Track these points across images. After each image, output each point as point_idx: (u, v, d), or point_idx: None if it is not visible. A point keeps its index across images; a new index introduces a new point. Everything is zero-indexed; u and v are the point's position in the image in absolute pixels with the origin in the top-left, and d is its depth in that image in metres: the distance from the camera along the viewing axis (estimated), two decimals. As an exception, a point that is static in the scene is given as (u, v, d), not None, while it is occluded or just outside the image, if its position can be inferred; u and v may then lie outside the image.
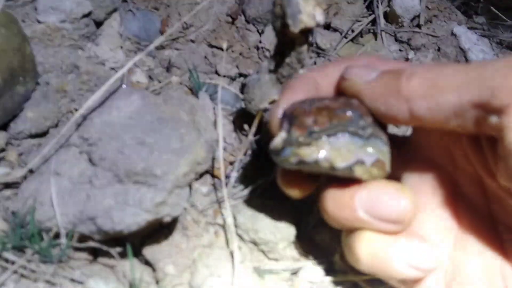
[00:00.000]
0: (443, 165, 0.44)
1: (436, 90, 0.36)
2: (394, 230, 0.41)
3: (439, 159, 0.45)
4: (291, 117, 0.43)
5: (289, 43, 0.54)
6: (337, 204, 0.42)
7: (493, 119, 0.33)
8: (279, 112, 0.45)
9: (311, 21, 0.50)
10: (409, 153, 0.47)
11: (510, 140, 0.32)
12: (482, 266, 0.41)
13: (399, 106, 0.38)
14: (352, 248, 0.43)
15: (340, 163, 0.39)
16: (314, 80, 0.47)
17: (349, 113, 0.41)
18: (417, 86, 0.37)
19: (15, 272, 0.46)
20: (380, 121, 0.43)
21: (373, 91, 0.41)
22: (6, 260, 0.46)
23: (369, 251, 0.41)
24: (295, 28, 0.50)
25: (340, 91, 0.45)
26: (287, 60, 0.56)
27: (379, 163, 0.40)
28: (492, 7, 0.93)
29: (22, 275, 0.46)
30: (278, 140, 0.42)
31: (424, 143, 0.46)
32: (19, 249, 0.47)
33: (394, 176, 0.45)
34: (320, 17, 0.50)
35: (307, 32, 0.52)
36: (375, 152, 0.40)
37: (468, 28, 0.89)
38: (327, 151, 0.39)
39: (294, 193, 0.46)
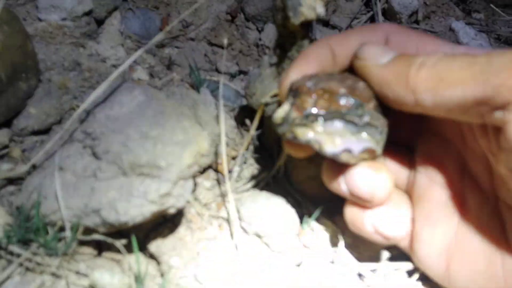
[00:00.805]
0: (453, 141, 0.46)
1: (442, 84, 0.37)
2: (368, 205, 0.46)
3: (450, 134, 0.46)
4: (295, 92, 0.44)
5: (290, 36, 0.55)
6: (329, 177, 0.47)
7: (498, 114, 0.35)
8: (287, 84, 0.46)
9: (311, 13, 0.51)
10: (423, 123, 0.48)
11: (509, 136, 0.34)
12: (482, 246, 0.42)
13: (406, 95, 0.40)
14: (343, 213, 0.48)
15: (328, 149, 0.42)
16: (331, 49, 0.47)
17: (349, 102, 0.42)
18: (424, 79, 0.38)
19: (20, 265, 0.46)
20: (385, 105, 0.44)
21: (382, 78, 0.42)
22: (12, 253, 0.46)
23: (350, 216, 0.48)
24: (296, 20, 0.50)
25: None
26: (288, 53, 0.56)
27: (369, 150, 0.43)
28: (490, 4, 0.94)
29: (28, 268, 0.46)
30: (280, 113, 0.44)
31: (438, 118, 0.47)
32: (25, 243, 0.47)
33: (406, 141, 0.50)
34: (320, 9, 0.51)
35: (307, 25, 0.53)
36: (367, 140, 0.43)
37: (466, 23, 0.90)
38: (319, 135, 0.42)
39: (298, 154, 0.48)
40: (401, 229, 0.46)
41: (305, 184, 0.60)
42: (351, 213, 0.47)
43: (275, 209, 0.56)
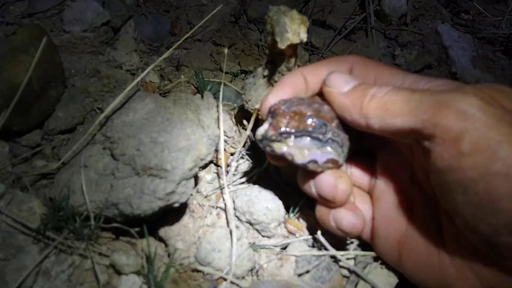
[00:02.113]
0: (405, 154, 0.55)
1: (387, 114, 0.46)
2: (332, 205, 0.55)
3: (403, 149, 0.56)
4: (273, 114, 0.55)
5: (280, 54, 0.63)
6: (302, 182, 0.57)
7: (426, 142, 0.44)
8: (267, 106, 0.56)
9: (296, 39, 0.59)
10: (383, 138, 0.55)
11: (434, 160, 0.43)
12: (424, 242, 0.52)
13: (360, 119, 0.49)
14: (315, 209, 0.58)
15: (298, 160, 0.53)
16: (304, 77, 0.57)
17: (315, 122, 0.53)
18: (374, 108, 0.48)
19: (55, 247, 0.57)
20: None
21: (343, 104, 0.52)
22: (48, 238, 0.57)
23: (319, 214, 0.58)
24: (282, 45, 0.59)
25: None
26: (278, 68, 0.65)
27: (332, 161, 0.53)
28: (476, 4, 1.00)
29: (61, 250, 0.57)
30: (261, 131, 0.55)
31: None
32: (57, 229, 0.58)
33: (371, 152, 0.60)
34: (303, 35, 0.59)
35: (294, 46, 0.61)
36: (330, 152, 0.53)
37: (452, 25, 0.96)
38: (291, 149, 0.53)
39: (278, 163, 0.59)
40: (357, 226, 0.55)
41: (292, 178, 0.69)
42: (319, 212, 0.57)
43: (266, 200, 0.66)
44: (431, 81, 0.50)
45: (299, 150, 0.53)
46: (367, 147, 0.60)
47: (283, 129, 0.53)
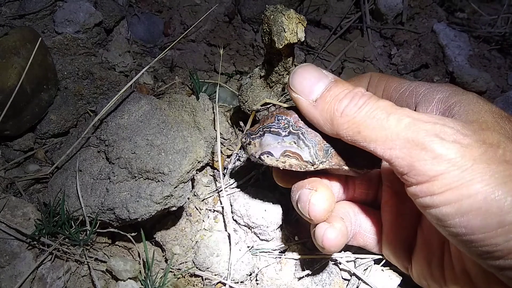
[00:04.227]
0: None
1: (359, 137, 0.44)
2: (313, 223, 0.53)
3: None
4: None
5: (277, 54, 0.63)
6: (293, 199, 0.55)
7: (399, 174, 0.43)
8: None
9: (293, 38, 0.58)
10: None
11: (409, 193, 0.43)
12: (432, 252, 0.51)
13: (332, 132, 0.47)
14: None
15: (255, 154, 0.52)
16: None
17: (275, 118, 0.52)
18: (345, 128, 0.45)
19: (50, 253, 0.55)
20: None
21: (313, 116, 0.49)
22: (43, 244, 0.56)
23: (311, 230, 0.55)
24: (279, 44, 0.58)
25: None
26: (275, 68, 0.64)
27: (292, 153, 0.51)
28: (471, 3, 0.99)
29: (56, 256, 0.56)
30: (241, 139, 0.55)
31: None
32: (53, 235, 0.56)
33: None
34: (301, 34, 0.58)
35: (291, 46, 0.61)
36: (288, 146, 0.51)
37: (448, 24, 0.96)
38: (257, 147, 0.52)
39: (282, 183, 0.58)
40: (339, 243, 0.52)
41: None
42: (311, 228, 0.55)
43: (263, 203, 0.65)
44: (431, 89, 0.49)
45: (261, 147, 0.52)
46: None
47: (250, 131, 0.53)
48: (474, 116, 0.43)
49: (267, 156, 0.51)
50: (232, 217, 0.64)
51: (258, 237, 0.64)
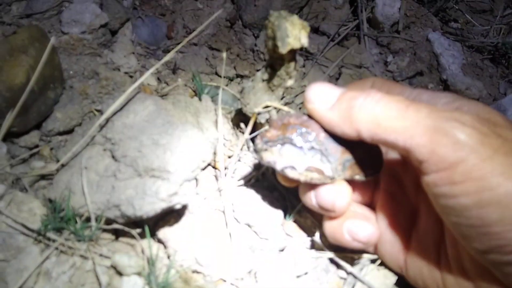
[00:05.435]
0: (397, 169, 0.57)
1: (379, 129, 0.46)
2: (333, 216, 0.56)
3: (396, 164, 0.57)
4: (269, 126, 0.57)
5: (279, 59, 0.64)
6: (303, 193, 0.58)
7: (418, 163, 0.44)
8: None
9: (297, 43, 0.60)
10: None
11: (427, 183, 0.44)
12: (428, 254, 0.53)
13: (351, 133, 0.49)
14: (323, 227, 0.59)
15: (278, 166, 0.54)
16: None
17: (297, 131, 0.54)
18: (365, 122, 0.47)
19: (56, 248, 0.57)
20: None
21: (331, 120, 0.51)
22: (49, 239, 0.57)
23: (330, 229, 0.58)
24: (283, 50, 0.60)
25: None
26: (278, 72, 0.66)
27: (314, 169, 0.54)
28: (465, 13, 1.02)
29: (62, 251, 0.57)
30: (255, 143, 0.57)
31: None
32: (58, 230, 0.58)
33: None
34: (304, 40, 0.60)
35: (294, 51, 0.63)
36: (311, 161, 0.54)
37: (442, 33, 0.99)
38: (275, 156, 0.54)
39: (286, 184, 0.60)
40: (374, 234, 0.56)
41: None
42: (330, 228, 0.57)
43: (263, 202, 0.67)
44: (434, 95, 0.51)
45: (281, 157, 0.54)
46: None
47: (267, 138, 0.55)
48: (486, 116, 0.44)
49: (291, 170, 0.54)
50: (233, 215, 0.66)
51: (258, 235, 0.66)
